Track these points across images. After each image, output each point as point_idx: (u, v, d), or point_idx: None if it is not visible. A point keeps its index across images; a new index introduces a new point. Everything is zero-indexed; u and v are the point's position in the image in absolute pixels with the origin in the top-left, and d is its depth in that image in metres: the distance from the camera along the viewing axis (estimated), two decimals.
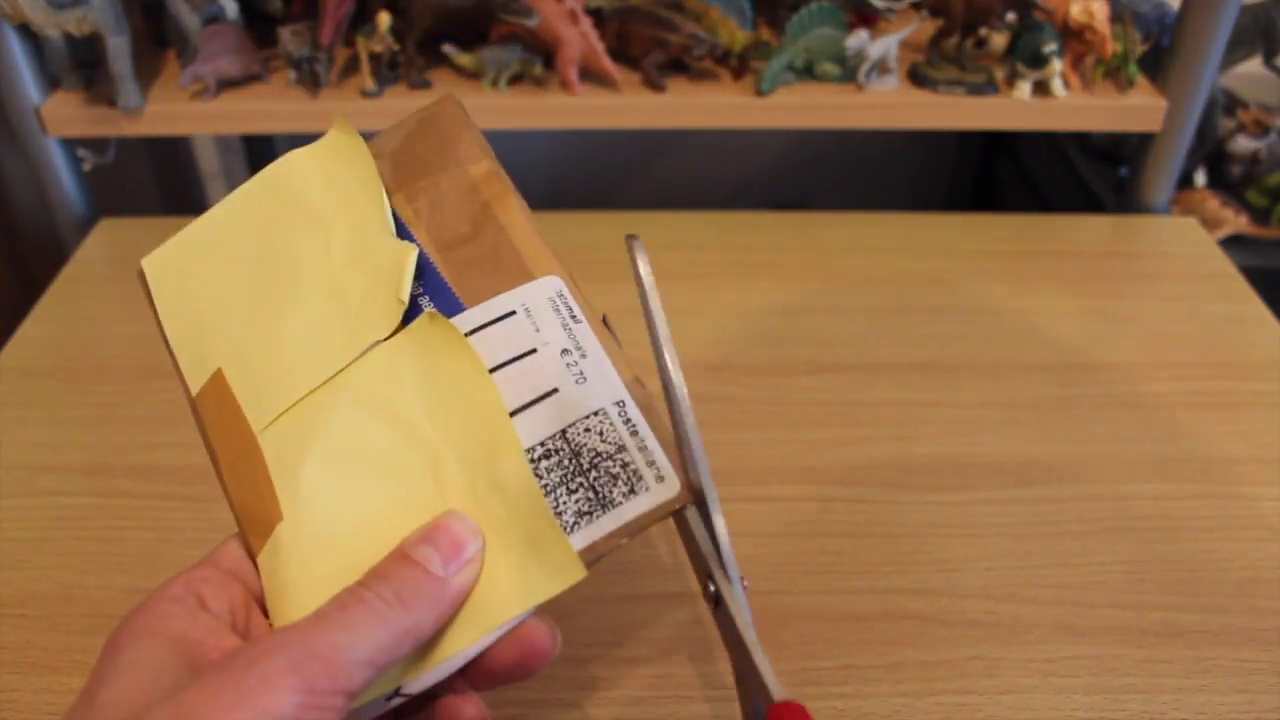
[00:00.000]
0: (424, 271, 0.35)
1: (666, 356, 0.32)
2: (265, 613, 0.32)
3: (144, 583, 0.48)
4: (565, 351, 0.34)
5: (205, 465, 0.54)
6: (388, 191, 0.37)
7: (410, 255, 0.35)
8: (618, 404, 0.33)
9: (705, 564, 0.33)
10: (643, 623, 0.47)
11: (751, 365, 0.62)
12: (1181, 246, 0.74)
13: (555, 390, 0.33)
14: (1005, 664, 0.45)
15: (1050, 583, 0.48)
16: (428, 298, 0.35)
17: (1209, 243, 0.74)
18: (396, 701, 0.30)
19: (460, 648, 0.30)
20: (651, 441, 0.32)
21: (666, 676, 0.44)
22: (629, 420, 0.33)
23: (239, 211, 0.38)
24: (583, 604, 0.47)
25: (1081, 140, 0.97)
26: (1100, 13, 0.72)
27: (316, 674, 0.26)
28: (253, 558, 0.33)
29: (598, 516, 0.31)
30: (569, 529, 0.31)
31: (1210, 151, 0.91)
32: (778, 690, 0.29)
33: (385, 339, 0.34)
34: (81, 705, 0.28)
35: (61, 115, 0.72)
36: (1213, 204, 0.86)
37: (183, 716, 0.25)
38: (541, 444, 0.32)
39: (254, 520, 0.33)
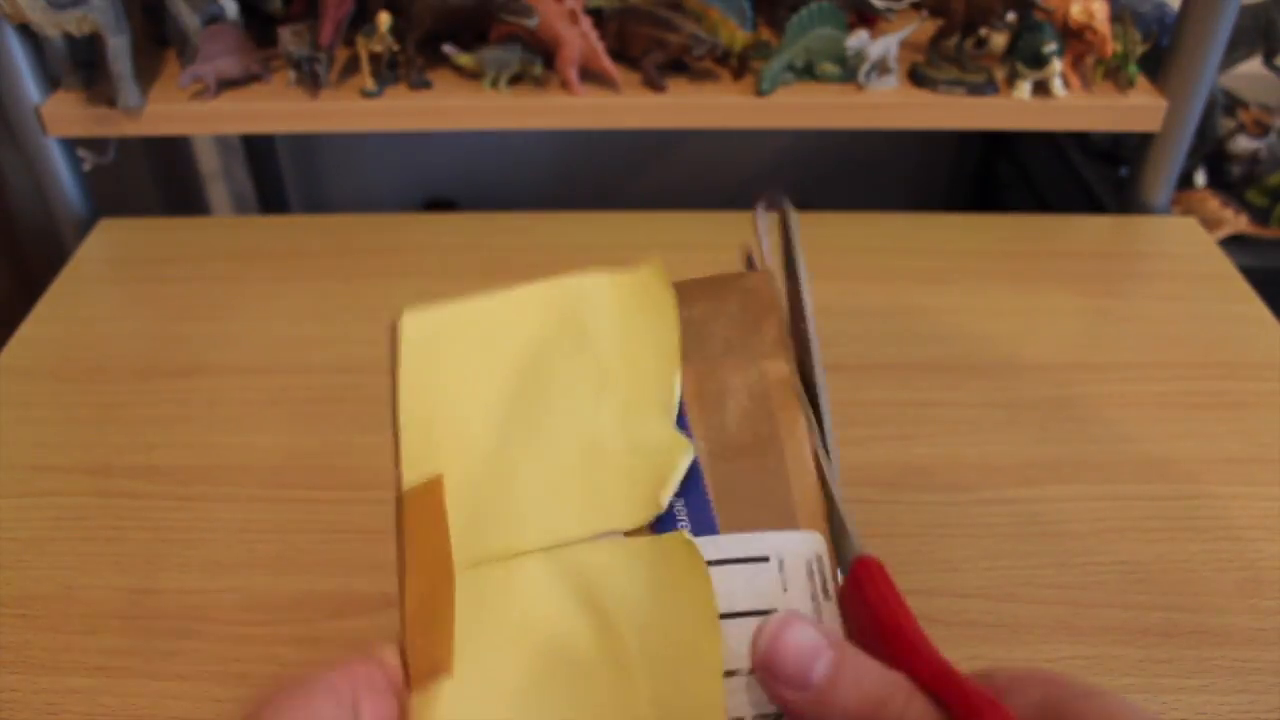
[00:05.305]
0: (690, 475, 0.31)
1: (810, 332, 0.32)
2: None
3: (144, 583, 0.48)
4: None
5: (205, 465, 0.55)
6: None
7: (685, 456, 0.31)
8: None
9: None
10: None
11: None
12: (1181, 246, 0.74)
13: None
14: (1005, 664, 0.45)
15: (1050, 583, 0.48)
16: (682, 502, 0.31)
17: (1209, 243, 0.74)
18: None
19: None
20: None
21: None
22: None
23: (519, 311, 0.35)
24: None
25: (1081, 140, 0.97)
26: (1100, 13, 0.72)
27: None
28: (407, 686, 0.30)
29: None
30: None
31: (1210, 151, 0.91)
32: (860, 546, 0.29)
33: (626, 533, 0.31)
34: None
35: (61, 115, 0.72)
36: (1213, 204, 0.86)
37: None
38: (754, 716, 0.28)
39: (423, 655, 0.30)
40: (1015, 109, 0.74)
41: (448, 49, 0.73)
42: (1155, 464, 0.55)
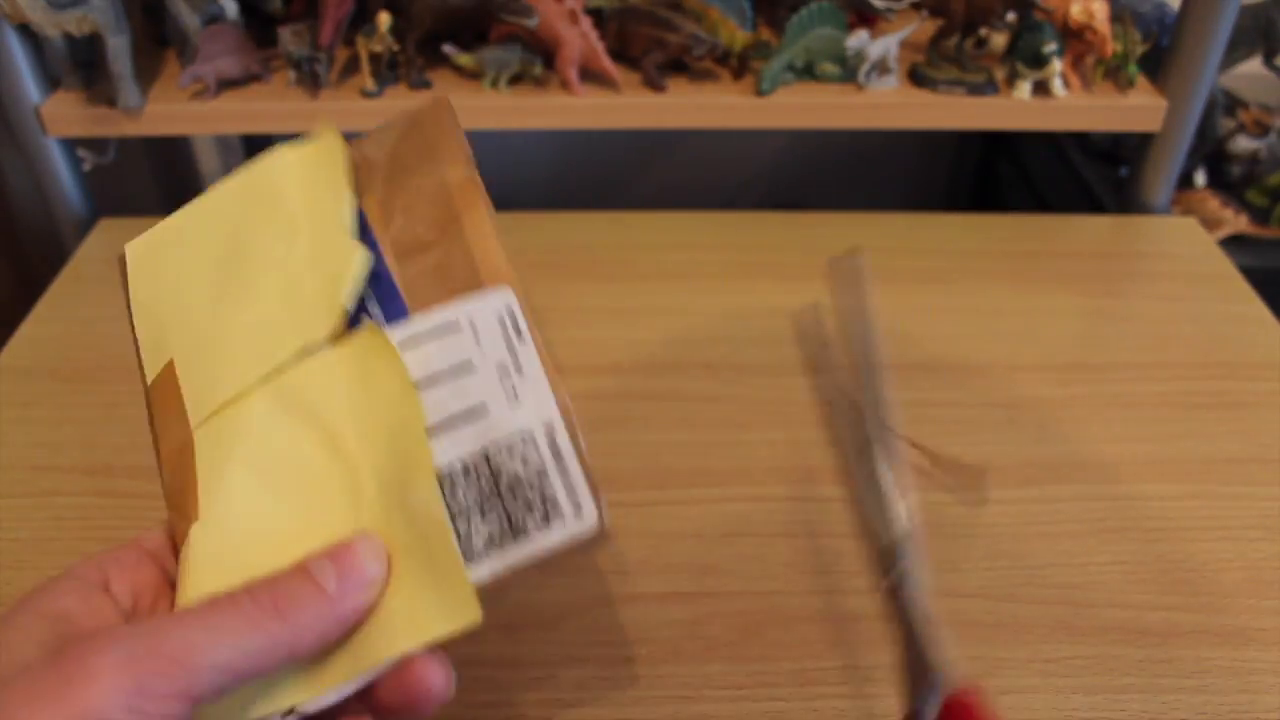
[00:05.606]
0: (379, 277, 0.35)
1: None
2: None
3: None
4: (502, 367, 0.33)
5: None
6: (364, 193, 0.37)
7: (359, 258, 0.35)
8: (546, 426, 0.32)
9: (888, 553, 0.34)
10: (643, 623, 0.47)
11: (751, 365, 0.62)
12: (1181, 246, 0.74)
13: (485, 407, 0.32)
14: (1005, 664, 0.45)
15: (1050, 583, 0.48)
16: (377, 304, 0.35)
17: (1209, 243, 0.74)
18: (292, 719, 0.30)
19: (345, 677, 0.29)
20: (575, 471, 0.31)
21: (666, 676, 0.44)
22: (555, 446, 0.32)
23: (221, 204, 0.38)
24: (583, 604, 0.47)
25: (1081, 140, 0.97)
26: (1100, 13, 0.72)
27: (153, 672, 0.25)
28: (177, 550, 0.33)
29: (507, 545, 0.31)
30: (476, 556, 0.31)
31: (1210, 151, 0.91)
32: (958, 675, 0.30)
33: (328, 346, 0.34)
34: None
35: (61, 115, 0.71)
36: (1213, 204, 0.86)
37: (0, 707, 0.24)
38: (462, 461, 0.32)
39: (179, 516, 0.33)
40: (1015, 109, 0.74)
41: (448, 49, 0.73)
42: (1155, 464, 0.55)
